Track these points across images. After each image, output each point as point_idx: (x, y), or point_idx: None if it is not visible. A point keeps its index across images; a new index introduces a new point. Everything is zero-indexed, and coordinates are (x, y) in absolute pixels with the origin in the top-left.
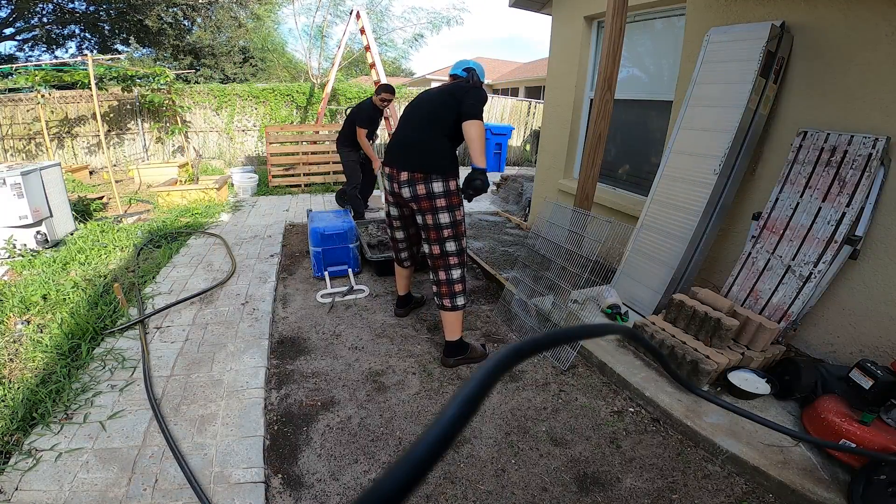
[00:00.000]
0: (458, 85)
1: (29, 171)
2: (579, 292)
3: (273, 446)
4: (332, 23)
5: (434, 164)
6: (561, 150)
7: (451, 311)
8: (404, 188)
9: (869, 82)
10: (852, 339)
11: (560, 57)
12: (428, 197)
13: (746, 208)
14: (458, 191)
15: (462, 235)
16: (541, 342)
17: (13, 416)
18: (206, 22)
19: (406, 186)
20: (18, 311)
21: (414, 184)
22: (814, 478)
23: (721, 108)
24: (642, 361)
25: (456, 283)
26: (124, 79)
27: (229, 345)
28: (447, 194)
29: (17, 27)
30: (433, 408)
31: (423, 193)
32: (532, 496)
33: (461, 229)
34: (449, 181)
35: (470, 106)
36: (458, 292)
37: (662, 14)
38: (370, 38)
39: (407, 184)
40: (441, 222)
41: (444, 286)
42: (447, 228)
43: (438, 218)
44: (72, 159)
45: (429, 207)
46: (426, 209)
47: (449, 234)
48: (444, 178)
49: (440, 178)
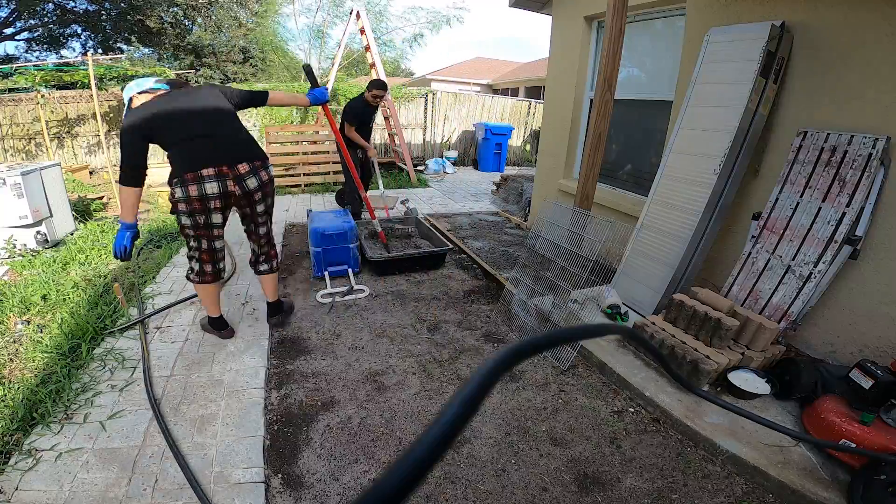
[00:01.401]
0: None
1: (29, 171)
2: (579, 292)
3: (273, 446)
4: (332, 23)
5: (260, 151)
6: (561, 150)
7: (276, 272)
8: (249, 179)
9: (869, 82)
10: (852, 339)
11: (560, 57)
12: (270, 181)
13: (746, 208)
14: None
15: None
16: (541, 342)
17: (13, 416)
18: (207, 22)
19: (251, 177)
20: (18, 311)
21: (257, 172)
22: (814, 478)
23: (721, 108)
24: (642, 361)
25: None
26: (124, 79)
27: (229, 345)
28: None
29: (18, 27)
30: (433, 408)
31: (267, 179)
32: (532, 496)
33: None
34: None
35: (237, 93)
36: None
37: (662, 14)
38: (370, 38)
39: (250, 174)
40: (272, 202)
41: (273, 252)
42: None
43: (273, 199)
44: (72, 159)
45: (270, 192)
46: (269, 193)
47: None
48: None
49: (268, 161)
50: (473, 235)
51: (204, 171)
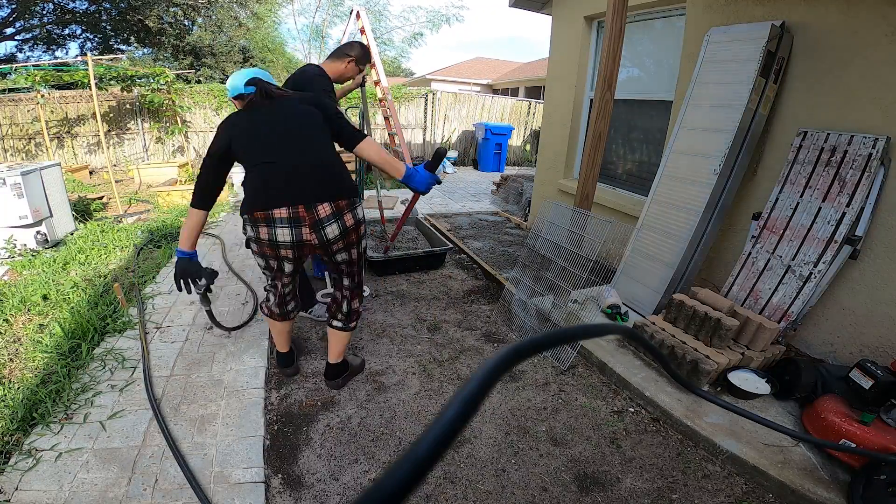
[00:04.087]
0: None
1: (29, 171)
2: (579, 292)
3: (273, 446)
4: (332, 23)
5: (350, 186)
6: (561, 150)
7: (349, 332)
8: (329, 226)
9: (869, 82)
10: (852, 339)
11: (560, 57)
12: (357, 226)
13: (746, 208)
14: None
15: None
16: (541, 342)
17: (13, 416)
18: (207, 22)
19: (331, 223)
20: (18, 311)
21: (341, 216)
22: (814, 478)
23: (721, 108)
24: (642, 361)
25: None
26: (124, 79)
27: (229, 345)
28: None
29: (18, 27)
30: (433, 408)
31: (353, 224)
32: (532, 496)
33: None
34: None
35: (340, 124)
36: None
37: (662, 14)
38: (370, 38)
39: (331, 219)
40: (358, 252)
41: (356, 308)
42: (362, 253)
43: (360, 248)
44: (72, 159)
45: (356, 239)
46: (353, 242)
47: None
48: (357, 198)
49: (357, 200)
50: (473, 235)
51: (276, 211)
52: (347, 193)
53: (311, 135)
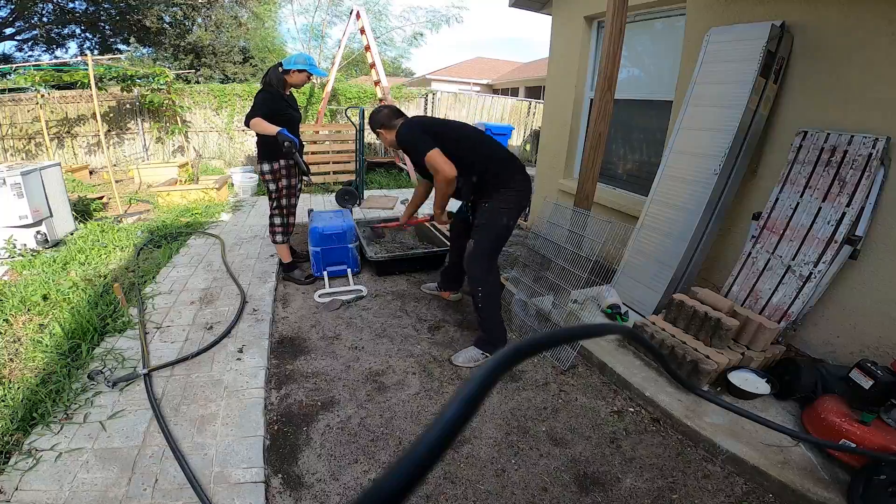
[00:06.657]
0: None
1: (29, 171)
2: (579, 292)
3: (273, 446)
4: (332, 23)
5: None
6: (561, 150)
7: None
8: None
9: (869, 82)
10: (852, 339)
11: (560, 57)
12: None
13: (746, 208)
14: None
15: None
16: (541, 342)
17: (13, 416)
18: (207, 22)
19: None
20: (18, 311)
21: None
22: (814, 478)
23: (721, 108)
24: (642, 361)
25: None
26: (124, 79)
27: (229, 344)
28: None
29: (18, 27)
30: (433, 408)
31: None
32: (532, 496)
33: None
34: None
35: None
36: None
37: (662, 14)
38: (370, 38)
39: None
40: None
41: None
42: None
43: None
44: (72, 159)
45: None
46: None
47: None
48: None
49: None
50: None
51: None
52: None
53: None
